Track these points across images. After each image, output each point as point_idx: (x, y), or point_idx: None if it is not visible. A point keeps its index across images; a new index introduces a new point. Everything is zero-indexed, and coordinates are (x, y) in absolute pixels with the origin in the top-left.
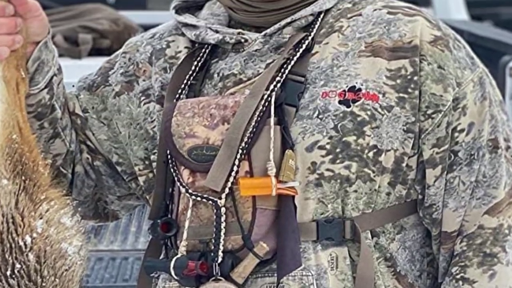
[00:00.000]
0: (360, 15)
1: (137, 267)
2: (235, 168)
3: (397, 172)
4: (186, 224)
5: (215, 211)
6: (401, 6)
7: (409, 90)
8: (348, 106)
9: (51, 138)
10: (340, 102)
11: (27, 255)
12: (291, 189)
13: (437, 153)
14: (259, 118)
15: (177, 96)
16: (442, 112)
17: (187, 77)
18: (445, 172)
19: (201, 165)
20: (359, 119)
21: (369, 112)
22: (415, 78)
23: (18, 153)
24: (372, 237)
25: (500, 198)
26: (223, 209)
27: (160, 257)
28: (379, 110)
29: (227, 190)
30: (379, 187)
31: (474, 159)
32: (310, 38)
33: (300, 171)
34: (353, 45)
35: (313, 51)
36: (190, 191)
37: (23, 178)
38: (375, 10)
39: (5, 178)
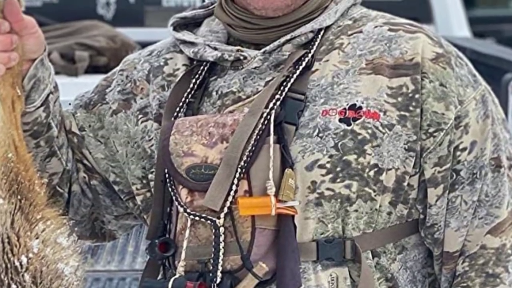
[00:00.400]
0: (361, 32)
1: None
2: (234, 187)
3: (398, 191)
4: (184, 244)
5: (213, 231)
6: (403, 23)
7: (411, 108)
8: (349, 125)
9: (47, 157)
10: (340, 120)
11: (23, 275)
12: (291, 208)
13: (438, 172)
14: (258, 137)
15: (175, 114)
16: (444, 131)
17: (185, 95)
18: (447, 191)
19: (199, 184)
20: (359, 137)
21: (369, 131)
22: (417, 96)
23: (13, 172)
24: (373, 257)
25: (502, 217)
26: (221, 229)
27: (158, 278)
28: (380, 128)
29: (226, 209)
30: (380, 206)
31: (477, 178)
32: (310, 55)
33: (300, 190)
34: (353, 63)
35: (313, 69)
36: (188, 210)
37: (19, 197)
38: (376, 27)
39: (0, 197)
